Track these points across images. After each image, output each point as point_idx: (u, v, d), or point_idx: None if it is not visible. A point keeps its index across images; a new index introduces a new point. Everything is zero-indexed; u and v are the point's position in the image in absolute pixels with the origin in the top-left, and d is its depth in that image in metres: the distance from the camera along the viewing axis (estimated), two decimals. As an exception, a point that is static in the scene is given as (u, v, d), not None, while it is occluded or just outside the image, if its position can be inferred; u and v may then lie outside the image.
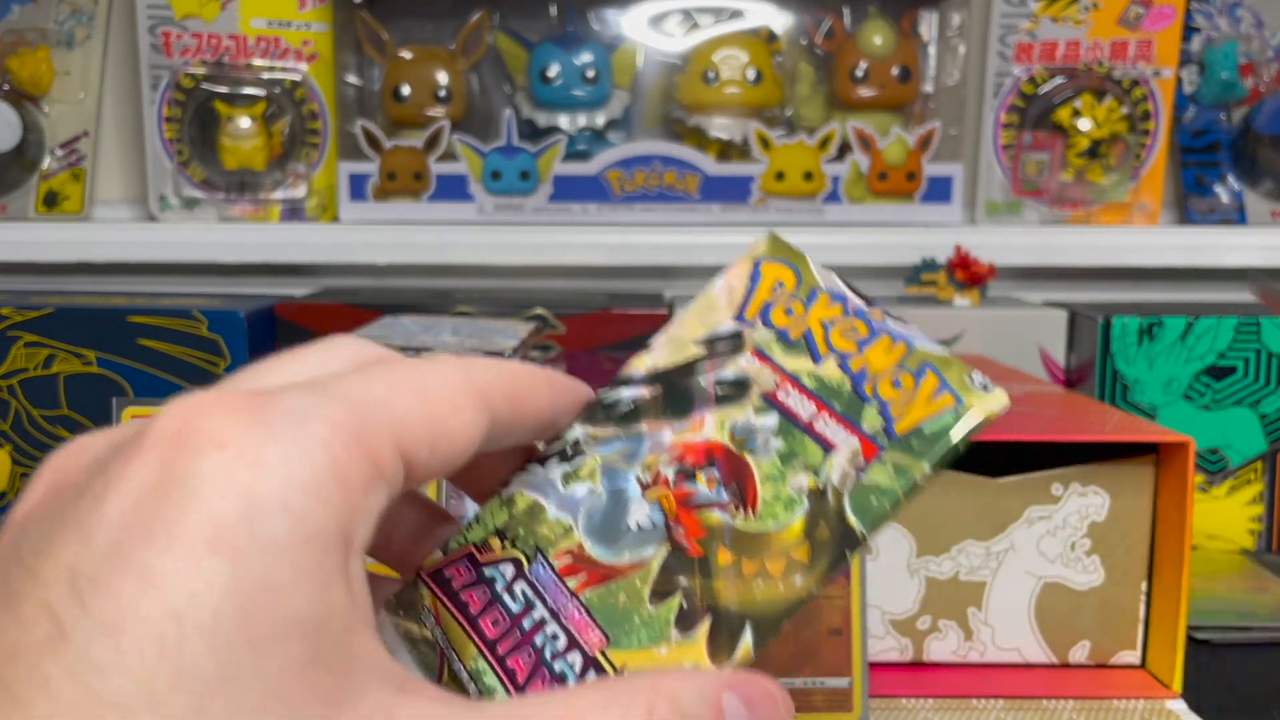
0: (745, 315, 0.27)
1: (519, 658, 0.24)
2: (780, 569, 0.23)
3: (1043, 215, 0.87)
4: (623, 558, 0.24)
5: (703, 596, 0.23)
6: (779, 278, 0.27)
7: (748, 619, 0.23)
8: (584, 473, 0.26)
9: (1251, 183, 0.88)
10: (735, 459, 0.24)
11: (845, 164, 0.85)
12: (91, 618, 0.17)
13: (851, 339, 0.25)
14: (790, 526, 0.23)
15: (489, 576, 0.25)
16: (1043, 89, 0.87)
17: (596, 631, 0.23)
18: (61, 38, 0.88)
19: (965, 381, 0.23)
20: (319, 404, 0.20)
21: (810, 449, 0.24)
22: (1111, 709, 0.47)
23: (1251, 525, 0.70)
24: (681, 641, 0.23)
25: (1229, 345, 0.68)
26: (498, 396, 0.23)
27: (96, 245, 0.86)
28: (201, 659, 0.17)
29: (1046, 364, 0.75)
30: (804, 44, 0.88)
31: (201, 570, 0.17)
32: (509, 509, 0.26)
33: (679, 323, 0.27)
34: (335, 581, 0.19)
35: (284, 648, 0.18)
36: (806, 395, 0.25)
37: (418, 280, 0.91)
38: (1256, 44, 0.87)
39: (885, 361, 0.24)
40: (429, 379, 0.22)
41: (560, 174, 0.85)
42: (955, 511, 0.49)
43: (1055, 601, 0.50)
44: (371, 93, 0.87)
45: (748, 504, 0.24)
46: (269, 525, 0.18)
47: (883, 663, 0.50)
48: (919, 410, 0.23)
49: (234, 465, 0.18)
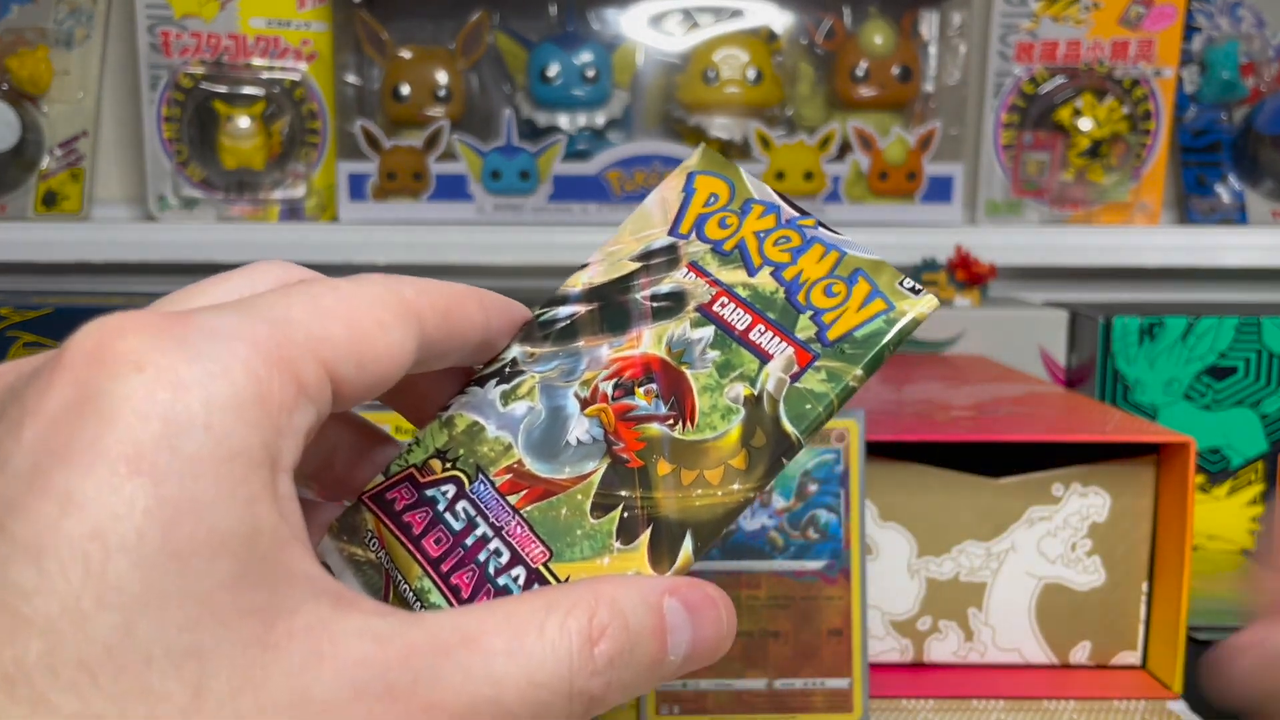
0: (680, 229, 0.27)
1: (463, 574, 0.24)
2: (718, 477, 0.23)
3: (1043, 215, 0.87)
4: (563, 473, 0.24)
5: (643, 507, 0.23)
6: (713, 190, 0.27)
7: (688, 527, 0.23)
8: (522, 391, 0.26)
9: (1252, 182, 0.88)
10: (673, 372, 0.25)
11: (846, 164, 0.85)
12: (12, 541, 0.17)
13: (785, 249, 0.25)
14: (728, 435, 0.24)
15: (430, 497, 0.25)
16: (1043, 89, 0.86)
17: (539, 545, 0.24)
18: (60, 37, 0.88)
19: (895, 287, 0.24)
20: (239, 323, 0.19)
21: (746, 359, 0.24)
22: (1112, 709, 0.47)
23: (1252, 525, 0.70)
24: (624, 551, 0.23)
25: (1230, 345, 0.68)
26: (428, 314, 0.23)
27: (95, 245, 0.86)
28: (127, 577, 0.17)
29: (1047, 364, 0.74)
30: (804, 44, 0.87)
31: (123, 490, 0.17)
32: (449, 430, 0.26)
33: (615, 239, 0.28)
34: (261, 498, 0.18)
35: (211, 564, 0.17)
36: (742, 306, 0.25)
37: (417, 280, 0.91)
38: (1257, 43, 0.87)
39: (818, 270, 0.25)
40: (355, 297, 0.22)
41: (560, 174, 0.85)
42: (956, 512, 0.49)
43: (1056, 602, 0.50)
44: (371, 92, 0.87)
45: (686, 415, 0.24)
46: (190, 444, 0.18)
47: (883, 663, 0.50)
48: (851, 317, 0.24)
49: (152, 386, 0.18)
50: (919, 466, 0.49)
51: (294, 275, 0.23)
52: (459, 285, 0.24)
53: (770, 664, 0.43)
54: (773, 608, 0.43)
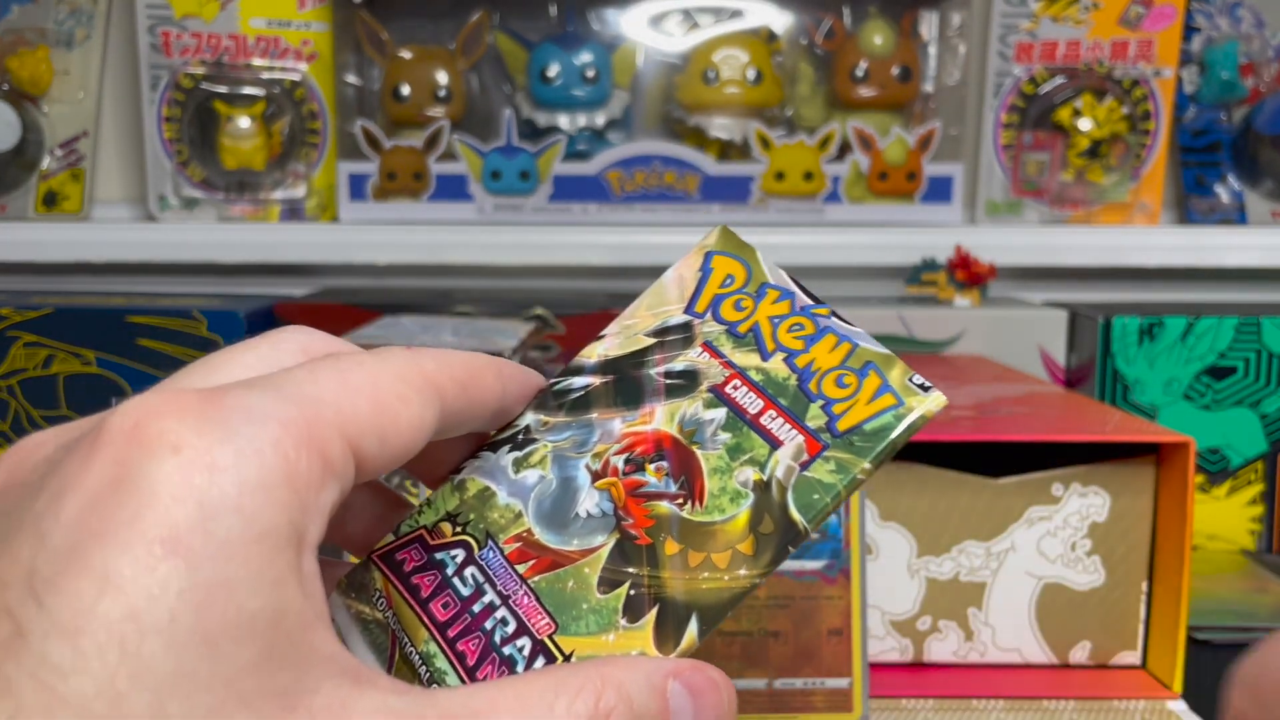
0: (695, 308, 0.27)
1: (469, 642, 0.24)
2: (725, 561, 0.23)
3: (1043, 215, 0.87)
4: (571, 544, 0.24)
5: (650, 586, 0.23)
6: (730, 271, 0.28)
7: (693, 609, 0.23)
8: (535, 459, 0.26)
9: (1252, 183, 0.88)
10: (684, 451, 0.25)
11: (845, 164, 0.85)
12: (50, 619, 0.17)
13: (799, 335, 0.26)
14: (736, 519, 0.24)
15: (440, 560, 0.25)
16: (1043, 89, 0.87)
17: (545, 617, 0.24)
18: (61, 37, 0.88)
19: (905, 383, 0.24)
20: (270, 403, 0.20)
21: (757, 443, 0.24)
22: (1112, 709, 0.47)
23: (1252, 525, 0.70)
24: (629, 629, 0.23)
25: (1229, 345, 0.68)
26: (447, 387, 0.23)
27: (96, 245, 0.86)
28: (160, 659, 0.17)
29: (1047, 364, 0.75)
30: (804, 44, 0.87)
31: (158, 572, 0.18)
32: (460, 494, 0.26)
33: (631, 312, 0.28)
34: (288, 579, 0.19)
35: (239, 646, 0.18)
36: (754, 390, 0.25)
37: (417, 280, 0.91)
38: (1257, 44, 0.87)
39: (830, 360, 0.25)
40: (378, 373, 0.22)
41: (560, 174, 0.85)
42: (956, 512, 0.49)
43: (1056, 602, 0.50)
44: (371, 92, 0.87)
45: (695, 496, 0.24)
46: (222, 526, 0.18)
47: (883, 663, 0.50)
48: (861, 409, 0.24)
49: (188, 468, 0.18)
50: (919, 466, 0.49)
51: (318, 345, 0.24)
52: (478, 356, 0.25)
53: (770, 664, 0.43)
54: (773, 607, 0.43)
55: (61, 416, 0.67)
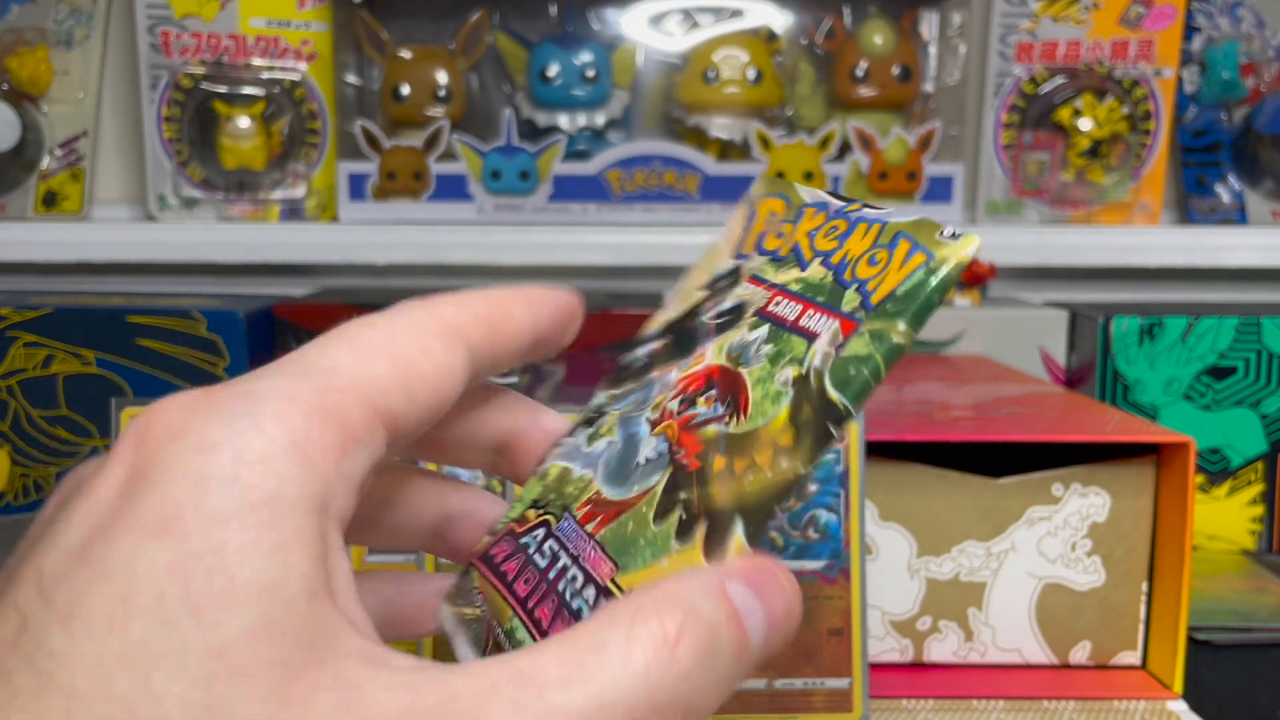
0: (743, 251, 0.28)
1: (545, 606, 0.24)
2: (768, 459, 0.23)
3: (1043, 215, 0.87)
4: (632, 491, 0.24)
5: (700, 503, 0.23)
6: (771, 209, 0.28)
7: (738, 512, 0.22)
8: (604, 430, 0.26)
9: (1252, 182, 0.88)
10: (730, 375, 0.25)
11: (845, 164, 0.85)
12: (52, 611, 0.18)
13: (833, 237, 0.25)
14: (777, 417, 0.23)
15: (524, 544, 0.26)
16: (1043, 89, 0.86)
17: (608, 563, 0.24)
18: (60, 37, 0.88)
19: (935, 239, 0.23)
20: (276, 381, 0.20)
21: (795, 344, 0.24)
22: (1112, 710, 0.47)
23: (1252, 526, 0.70)
24: (680, 550, 0.23)
25: (1230, 345, 0.68)
26: (471, 329, 0.23)
27: (95, 245, 0.86)
28: (146, 635, 0.17)
29: (1047, 364, 0.75)
30: (804, 44, 0.87)
31: (148, 551, 0.18)
32: (543, 482, 0.27)
33: (687, 277, 0.28)
34: (293, 545, 0.18)
35: (231, 614, 0.17)
36: (793, 299, 0.25)
37: (417, 280, 0.91)
38: (1257, 43, 0.87)
39: (862, 245, 0.24)
40: (392, 330, 0.22)
41: (560, 174, 0.85)
42: (955, 512, 0.49)
43: (1056, 602, 0.50)
44: (371, 92, 0.87)
45: (740, 409, 0.24)
46: (214, 499, 0.18)
47: (883, 663, 0.50)
48: (893, 277, 0.23)
49: (185, 451, 0.19)
50: (919, 466, 0.49)
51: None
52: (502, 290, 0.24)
53: (770, 664, 0.43)
54: (773, 608, 0.43)
55: (61, 417, 0.67)
